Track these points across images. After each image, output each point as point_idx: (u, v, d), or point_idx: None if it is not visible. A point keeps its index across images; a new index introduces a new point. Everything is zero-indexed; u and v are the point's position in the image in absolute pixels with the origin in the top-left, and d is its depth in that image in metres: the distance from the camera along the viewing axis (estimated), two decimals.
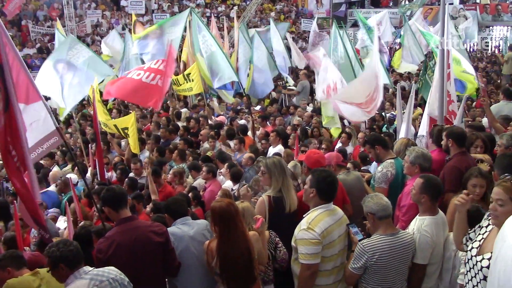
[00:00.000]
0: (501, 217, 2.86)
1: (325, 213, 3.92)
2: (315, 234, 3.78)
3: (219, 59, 11.00)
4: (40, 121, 5.01)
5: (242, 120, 11.77)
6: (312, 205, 4.03)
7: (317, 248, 3.78)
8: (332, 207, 4.04)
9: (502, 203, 2.89)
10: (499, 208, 2.90)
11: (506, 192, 2.89)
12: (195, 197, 6.57)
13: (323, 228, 3.82)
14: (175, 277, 4.19)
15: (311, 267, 3.81)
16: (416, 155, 4.76)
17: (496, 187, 2.97)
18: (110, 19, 24.96)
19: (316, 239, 3.77)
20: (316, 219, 3.87)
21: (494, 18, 25.06)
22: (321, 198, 3.98)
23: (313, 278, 3.88)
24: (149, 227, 4.08)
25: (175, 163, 8.51)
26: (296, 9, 31.41)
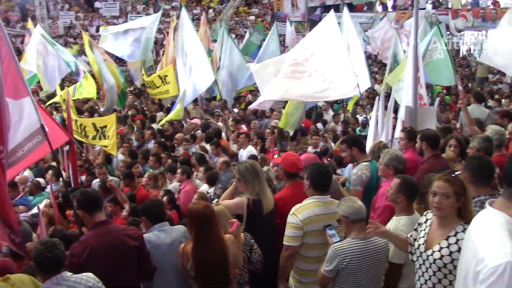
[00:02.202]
0: (445, 209, 3.08)
1: (315, 203, 4.16)
2: (296, 219, 4.07)
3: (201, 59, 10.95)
4: (27, 118, 4.92)
5: (219, 122, 11.77)
6: (308, 196, 4.27)
7: (296, 232, 4.07)
8: (328, 199, 4.24)
9: (447, 196, 3.06)
10: (444, 201, 3.07)
11: (451, 185, 3.07)
12: (170, 200, 6.51)
13: (306, 216, 4.08)
14: (150, 281, 4.15)
15: (289, 248, 4.12)
16: (391, 157, 4.82)
17: (439, 181, 3.12)
18: (84, 21, 24.65)
19: (297, 224, 4.06)
20: (303, 206, 4.15)
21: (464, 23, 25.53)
22: (315, 189, 4.23)
23: (291, 259, 4.18)
24: (124, 231, 4.04)
25: (151, 168, 8.40)
26: (271, 12, 31.53)
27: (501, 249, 1.95)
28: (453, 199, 3.06)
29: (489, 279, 1.93)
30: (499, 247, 1.97)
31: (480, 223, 2.21)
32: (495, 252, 1.96)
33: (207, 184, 6.97)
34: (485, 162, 4.07)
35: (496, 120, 7.73)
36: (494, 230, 2.05)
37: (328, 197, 4.28)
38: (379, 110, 7.95)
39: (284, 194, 4.90)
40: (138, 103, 15.07)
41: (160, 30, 24.31)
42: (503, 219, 2.06)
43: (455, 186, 3.06)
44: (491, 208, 2.15)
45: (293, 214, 4.12)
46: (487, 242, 2.05)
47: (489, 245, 2.02)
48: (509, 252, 1.92)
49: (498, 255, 1.94)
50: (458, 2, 26.83)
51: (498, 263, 1.92)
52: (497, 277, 1.91)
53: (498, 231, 2.03)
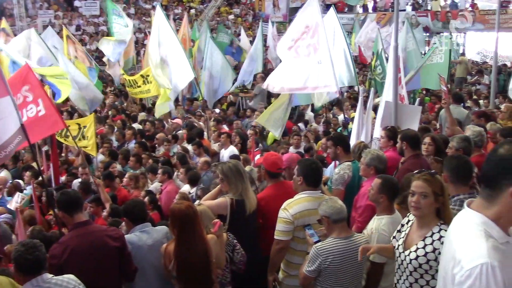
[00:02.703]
0: (424, 209, 3.10)
1: (306, 198, 4.25)
2: (287, 214, 4.17)
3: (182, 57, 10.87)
4: (7, 118, 4.84)
5: (200, 122, 11.74)
6: (299, 191, 4.35)
7: (286, 227, 4.17)
8: (318, 194, 4.30)
9: (425, 195, 3.09)
10: (422, 200, 3.09)
11: (429, 185, 3.10)
12: (151, 201, 6.47)
13: (297, 211, 4.18)
14: (131, 282, 4.12)
15: (280, 242, 4.22)
16: (372, 157, 4.88)
17: (418, 180, 3.15)
18: (63, 20, 24.35)
19: (288, 219, 4.16)
20: (295, 202, 4.25)
21: (444, 25, 25.89)
22: (308, 184, 4.31)
23: (281, 253, 4.29)
24: (105, 232, 4.01)
25: (132, 169, 8.34)
26: (253, 12, 31.52)
27: (476, 251, 1.96)
28: (431, 198, 3.09)
29: (466, 281, 1.94)
30: (475, 248, 1.98)
31: (458, 224, 2.21)
32: (471, 254, 1.97)
33: (188, 184, 6.94)
34: (463, 162, 4.13)
35: (473, 120, 7.84)
36: (471, 231, 2.06)
37: (319, 192, 4.36)
38: (359, 110, 8.02)
39: (266, 194, 4.90)
40: (118, 103, 14.95)
41: (140, 29, 24.16)
42: (479, 219, 2.07)
43: (434, 185, 3.09)
44: (468, 208, 2.16)
45: (284, 209, 4.21)
46: (463, 244, 2.05)
47: (465, 246, 2.03)
48: (484, 254, 1.93)
49: (473, 256, 1.95)
50: (438, 4, 27.18)
51: (473, 265, 1.93)
52: (474, 280, 1.92)
53: (474, 232, 2.04)
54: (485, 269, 1.90)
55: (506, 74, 16.92)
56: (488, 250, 1.95)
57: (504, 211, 2.03)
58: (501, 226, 2.05)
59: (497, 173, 2.03)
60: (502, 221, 2.05)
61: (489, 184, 2.08)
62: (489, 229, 2.04)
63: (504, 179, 2.00)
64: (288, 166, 5.50)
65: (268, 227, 4.72)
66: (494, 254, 1.94)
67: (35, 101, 5.73)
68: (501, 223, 2.05)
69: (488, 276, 1.90)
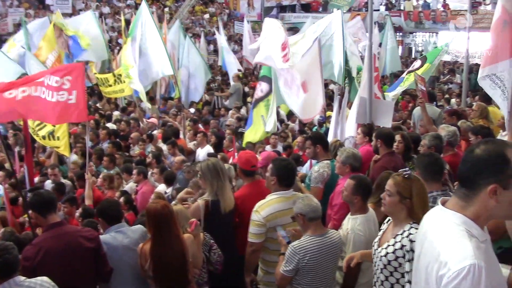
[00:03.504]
0: (387, 206, 3.17)
1: (278, 199, 4.24)
2: (259, 216, 4.16)
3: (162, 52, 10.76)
4: None
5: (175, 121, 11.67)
6: (272, 191, 4.34)
7: (259, 230, 4.17)
8: (291, 194, 4.29)
9: (389, 194, 3.14)
10: (387, 197, 3.16)
11: (395, 184, 3.14)
12: (126, 201, 6.39)
13: (268, 213, 4.16)
14: (107, 283, 4.07)
15: (253, 245, 4.23)
16: (347, 155, 4.92)
17: (390, 178, 3.22)
18: (34, 18, 23.88)
19: (260, 221, 4.15)
20: (266, 203, 4.23)
21: (416, 25, 26.28)
22: (281, 184, 4.30)
23: (255, 254, 4.30)
24: (80, 232, 3.95)
25: (106, 169, 8.23)
26: (228, 11, 31.49)
27: (462, 252, 1.97)
28: (395, 198, 3.12)
29: (453, 282, 1.94)
30: (461, 249, 1.98)
31: (436, 224, 2.20)
32: (458, 255, 1.97)
33: (164, 184, 6.89)
34: (434, 159, 4.21)
35: (445, 118, 7.97)
36: (453, 232, 2.06)
37: (291, 191, 4.34)
38: (334, 109, 8.08)
39: (242, 193, 4.90)
40: (92, 102, 14.75)
41: (113, 28, 23.88)
42: (459, 220, 2.07)
43: (400, 187, 3.12)
44: (444, 208, 2.17)
45: (256, 211, 4.20)
46: (448, 245, 2.05)
47: (450, 248, 2.03)
48: (471, 254, 1.94)
49: (460, 258, 1.96)
50: (410, 4, 27.57)
51: (461, 266, 1.93)
52: (461, 280, 1.92)
53: (457, 233, 2.05)
54: (473, 270, 1.91)
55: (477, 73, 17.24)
56: (473, 250, 1.96)
57: (481, 210, 2.05)
58: (479, 225, 2.07)
59: (473, 173, 2.05)
60: (480, 220, 2.07)
61: (466, 184, 2.09)
62: (470, 228, 2.05)
63: (480, 179, 2.02)
64: (266, 164, 5.49)
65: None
66: (479, 254, 1.96)
67: (70, 91, 6.33)
68: (480, 222, 2.07)
69: (475, 277, 1.91)
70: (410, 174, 3.16)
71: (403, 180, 3.13)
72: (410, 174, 3.16)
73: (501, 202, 2.00)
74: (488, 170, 2.00)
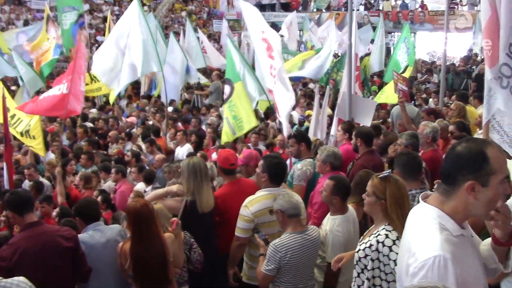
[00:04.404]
0: (366, 206, 3.21)
1: (267, 195, 4.24)
2: (248, 212, 4.20)
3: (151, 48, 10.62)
4: None
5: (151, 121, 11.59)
6: (262, 187, 4.38)
7: (246, 225, 4.21)
8: (280, 191, 4.28)
9: (367, 194, 3.17)
10: (366, 197, 3.19)
11: (371, 185, 3.16)
12: (104, 200, 6.31)
13: (257, 209, 4.20)
14: (85, 283, 4.02)
15: (239, 239, 4.26)
16: (328, 154, 4.93)
17: (371, 179, 3.23)
18: (10, 14, 23.44)
19: (248, 217, 4.19)
20: (256, 199, 4.26)
21: (395, 25, 26.55)
22: (272, 181, 4.33)
23: (241, 249, 4.35)
24: (57, 232, 3.90)
25: (83, 167, 8.12)
26: (207, 9, 31.36)
27: (430, 243, 2.02)
28: (372, 198, 3.14)
29: (419, 273, 1.99)
30: (429, 241, 2.03)
31: (414, 218, 2.27)
32: (425, 246, 2.02)
33: (143, 182, 6.82)
34: (412, 158, 4.29)
35: (423, 117, 8.05)
36: (426, 225, 2.12)
37: (281, 188, 4.37)
38: (316, 107, 8.11)
39: (223, 192, 4.87)
40: None
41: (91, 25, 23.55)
42: (435, 213, 2.12)
43: (375, 187, 3.14)
44: (424, 203, 2.22)
45: (245, 206, 4.23)
46: (418, 237, 2.11)
47: (420, 239, 2.08)
48: (438, 246, 1.99)
49: (427, 249, 2.01)
50: (389, 4, 27.84)
51: (427, 257, 1.98)
52: (427, 271, 1.97)
53: (429, 226, 2.10)
54: (438, 261, 1.96)
55: (454, 73, 17.50)
56: (441, 242, 2.01)
57: (459, 206, 2.10)
58: (456, 220, 2.11)
59: (454, 169, 2.10)
60: (458, 216, 2.12)
61: (446, 180, 2.14)
62: (444, 222, 2.10)
63: (460, 175, 2.06)
64: (247, 163, 5.48)
65: (225, 225, 4.70)
66: (447, 246, 2.00)
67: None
68: (457, 218, 2.12)
69: (440, 268, 1.96)
70: (386, 175, 3.17)
71: (379, 181, 3.14)
72: (387, 176, 3.17)
73: (479, 200, 2.05)
74: (467, 167, 2.05)
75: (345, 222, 4.02)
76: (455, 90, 14.79)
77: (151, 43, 10.51)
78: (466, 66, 18.71)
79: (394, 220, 3.01)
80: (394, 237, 2.97)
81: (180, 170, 4.75)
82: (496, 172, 2.02)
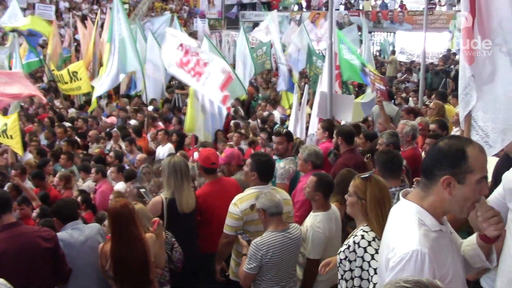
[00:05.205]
0: (348, 207, 3.22)
1: (256, 193, 4.18)
2: (237, 210, 4.18)
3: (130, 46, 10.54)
4: None
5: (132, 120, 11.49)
6: (251, 185, 4.36)
7: (235, 222, 4.19)
8: (268, 189, 4.27)
9: (349, 194, 3.19)
10: (348, 198, 3.21)
11: (353, 185, 3.18)
12: (84, 200, 6.23)
13: (246, 207, 4.18)
14: (65, 284, 3.98)
15: (228, 236, 4.25)
16: (309, 152, 4.96)
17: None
18: None
19: (237, 214, 4.17)
20: (245, 197, 4.25)
21: (374, 24, 26.78)
22: (261, 179, 4.31)
23: (229, 246, 4.33)
24: (37, 232, 3.85)
25: (63, 167, 8.01)
26: (188, 8, 31.22)
27: (409, 238, 2.05)
28: (353, 198, 3.16)
29: (397, 267, 2.02)
30: (408, 236, 2.07)
31: (394, 215, 2.30)
32: (404, 241, 2.06)
33: (124, 182, 6.76)
34: (391, 156, 4.32)
35: (402, 116, 8.13)
36: (405, 220, 2.15)
37: (270, 186, 4.37)
38: (295, 106, 8.14)
39: (204, 191, 4.86)
40: (48, 99, 14.37)
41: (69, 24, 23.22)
42: (414, 209, 2.16)
43: (356, 187, 3.15)
44: (404, 199, 2.25)
45: (234, 204, 4.22)
46: (397, 232, 2.15)
47: (399, 234, 2.12)
48: (416, 241, 2.02)
49: (406, 243, 2.04)
50: (369, 4, 28.07)
51: (405, 252, 2.01)
52: (404, 265, 2.00)
53: (408, 221, 2.13)
54: (415, 256, 1.99)
55: (433, 72, 17.72)
56: (419, 238, 2.04)
57: (437, 201, 2.13)
58: (435, 216, 2.15)
59: (433, 164, 2.13)
60: (436, 212, 2.15)
61: (426, 175, 2.18)
62: (423, 217, 2.13)
63: (438, 169, 2.10)
64: (229, 162, 5.46)
65: (206, 224, 4.69)
66: (425, 241, 2.03)
67: None
68: (436, 213, 2.15)
69: (417, 262, 1.99)
70: (368, 176, 3.18)
71: (361, 181, 3.16)
72: (368, 176, 3.18)
73: (454, 196, 2.09)
74: (445, 162, 2.09)
75: (327, 219, 4.03)
76: (434, 89, 14.99)
77: (130, 41, 10.45)
78: (445, 65, 18.98)
79: (372, 221, 3.02)
80: (370, 238, 2.98)
81: (161, 169, 4.72)
82: (474, 171, 2.05)
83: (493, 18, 3.79)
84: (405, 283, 1.50)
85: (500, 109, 3.83)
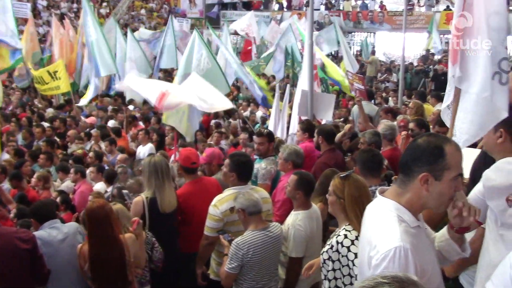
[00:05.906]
0: (329, 206, 3.24)
1: (235, 194, 4.15)
2: (217, 211, 4.14)
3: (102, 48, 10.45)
4: None
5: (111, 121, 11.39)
6: (230, 186, 4.34)
7: (215, 224, 4.16)
8: (248, 189, 4.26)
9: (329, 193, 3.21)
10: (329, 197, 3.23)
11: (333, 185, 3.21)
12: (63, 201, 6.15)
13: (226, 208, 4.15)
14: (44, 285, 3.94)
15: (208, 238, 4.22)
16: (289, 152, 4.98)
17: None
18: None
19: (217, 216, 4.14)
20: (224, 198, 4.21)
21: (355, 24, 26.94)
22: (240, 180, 4.30)
23: (210, 247, 4.30)
24: (14, 234, 3.78)
25: (42, 167, 7.89)
26: (168, 7, 31.04)
27: (390, 235, 2.07)
28: (333, 197, 3.18)
29: (381, 264, 2.03)
30: (389, 233, 2.09)
31: (372, 212, 2.33)
32: (385, 238, 2.08)
33: (104, 182, 6.71)
34: (372, 155, 4.36)
35: (381, 116, 8.20)
36: (384, 217, 2.18)
37: (249, 186, 4.36)
38: (275, 106, 8.16)
39: (184, 191, 4.85)
40: (26, 99, 14.16)
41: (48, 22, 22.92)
42: (392, 206, 2.18)
43: (335, 187, 3.18)
44: (380, 196, 2.28)
45: (214, 205, 4.19)
46: (378, 229, 2.17)
47: (380, 231, 2.14)
48: (398, 238, 2.04)
49: (388, 240, 2.06)
50: (349, 4, 28.23)
51: (388, 248, 2.03)
52: (388, 262, 2.02)
53: (388, 218, 2.15)
54: (399, 252, 2.01)
55: (412, 72, 17.92)
56: (401, 234, 2.06)
57: (415, 198, 2.16)
58: (412, 212, 2.17)
59: (411, 160, 2.16)
60: (414, 208, 2.18)
61: (403, 171, 2.20)
62: (401, 214, 2.16)
63: (416, 166, 2.13)
64: (209, 161, 5.44)
65: (186, 224, 4.68)
66: (406, 237, 2.06)
67: None
68: (413, 210, 2.18)
69: (401, 258, 2.01)
70: (346, 175, 3.19)
71: (339, 180, 3.18)
72: (347, 175, 3.19)
73: (431, 193, 2.12)
74: (423, 158, 2.11)
75: (308, 218, 4.05)
76: (414, 89, 15.17)
77: (103, 43, 10.37)
78: (424, 65, 19.20)
79: (353, 220, 3.04)
80: (353, 237, 3.01)
81: (141, 169, 4.69)
82: (451, 168, 2.09)
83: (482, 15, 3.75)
84: (382, 279, 1.51)
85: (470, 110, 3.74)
